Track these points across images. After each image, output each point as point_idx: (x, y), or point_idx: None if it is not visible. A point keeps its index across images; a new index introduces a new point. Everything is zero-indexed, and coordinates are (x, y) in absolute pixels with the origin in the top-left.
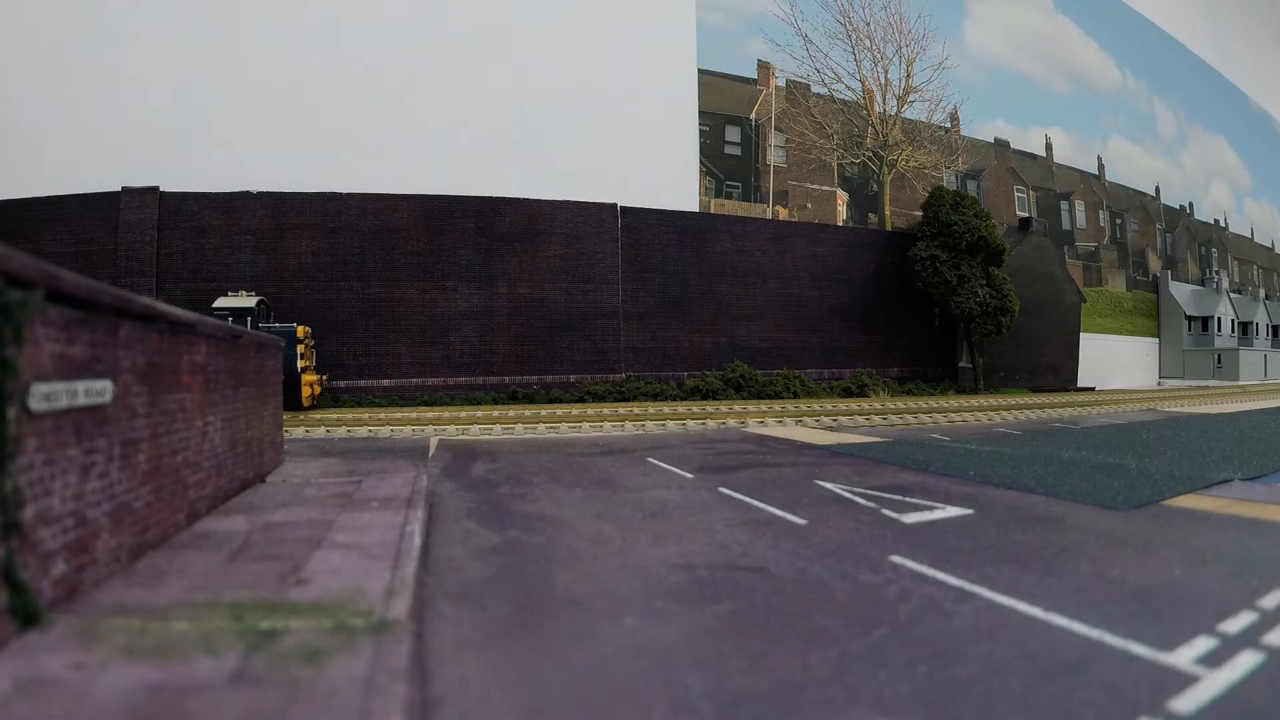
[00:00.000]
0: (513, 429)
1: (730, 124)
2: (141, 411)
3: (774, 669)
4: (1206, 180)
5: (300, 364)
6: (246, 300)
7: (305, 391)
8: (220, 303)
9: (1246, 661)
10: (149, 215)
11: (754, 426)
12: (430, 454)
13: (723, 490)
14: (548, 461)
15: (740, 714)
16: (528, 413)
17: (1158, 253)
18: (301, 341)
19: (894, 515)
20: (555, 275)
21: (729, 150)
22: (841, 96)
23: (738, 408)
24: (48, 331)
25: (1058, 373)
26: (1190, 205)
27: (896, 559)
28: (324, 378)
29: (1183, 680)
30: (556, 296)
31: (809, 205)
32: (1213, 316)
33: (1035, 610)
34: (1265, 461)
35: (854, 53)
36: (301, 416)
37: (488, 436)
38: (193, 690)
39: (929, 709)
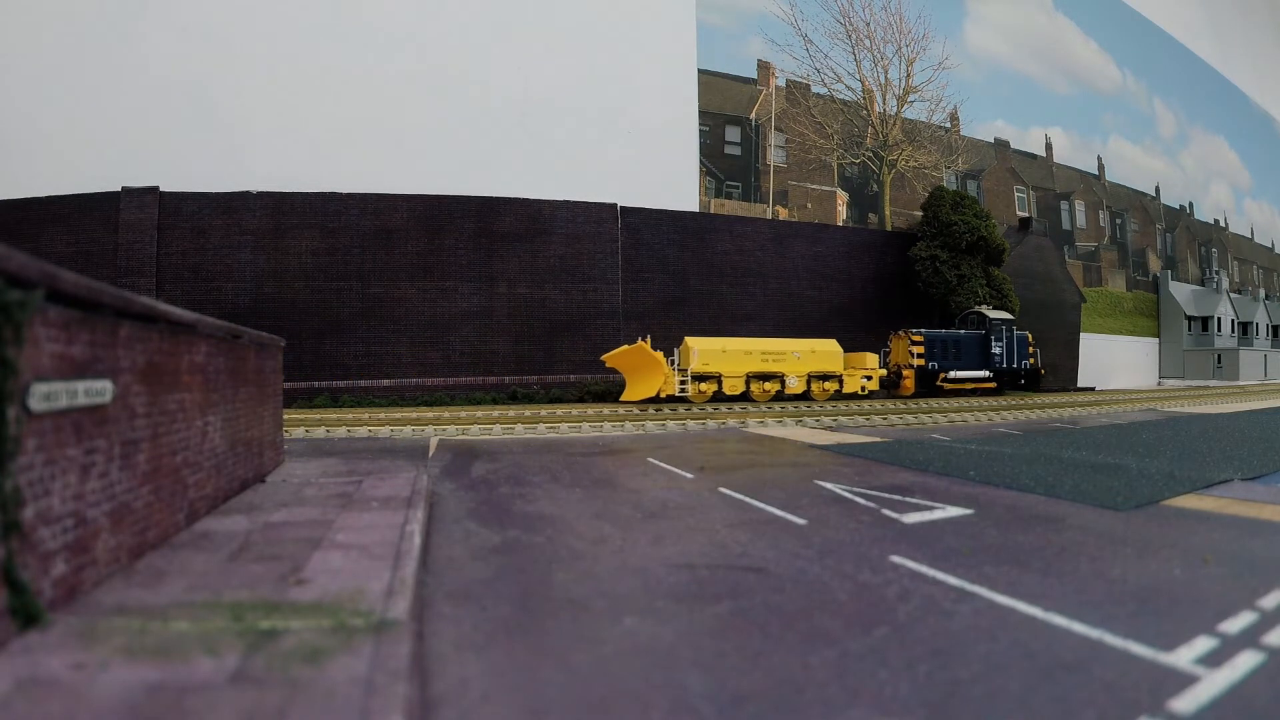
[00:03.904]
0: (513, 429)
1: (730, 124)
2: (141, 411)
3: (774, 669)
4: (1206, 180)
5: (1030, 362)
6: (1007, 314)
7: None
8: (992, 314)
9: (1246, 661)
10: (149, 215)
11: (754, 426)
12: (430, 454)
13: (723, 490)
14: (548, 461)
15: (740, 714)
16: (528, 412)
17: (1158, 253)
18: (1031, 344)
19: (894, 515)
20: (555, 275)
21: (729, 150)
22: (841, 96)
23: (738, 407)
24: (48, 331)
25: (1058, 372)
26: (1190, 205)
27: (897, 559)
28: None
29: (1183, 680)
30: (556, 296)
31: (809, 205)
32: (1213, 316)
33: (1035, 610)
34: (1265, 461)
35: (854, 53)
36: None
37: (488, 436)
38: (193, 690)
39: (929, 709)
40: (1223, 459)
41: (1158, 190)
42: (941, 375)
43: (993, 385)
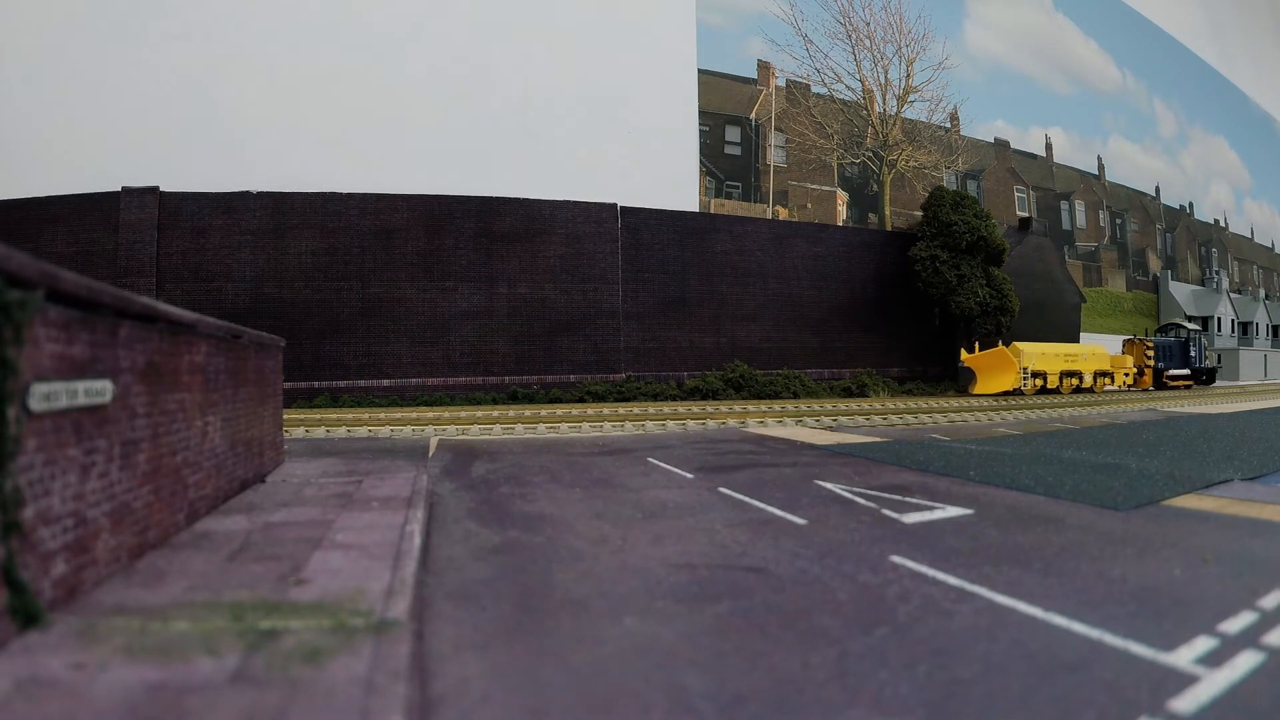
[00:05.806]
0: (513, 429)
1: (730, 124)
2: (141, 411)
3: (774, 669)
4: (1206, 180)
5: (1207, 363)
6: (1197, 326)
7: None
8: (1188, 325)
9: (1246, 661)
10: (149, 215)
11: (754, 426)
12: (430, 454)
13: (723, 490)
14: (548, 461)
15: (740, 714)
16: (528, 413)
17: (1158, 253)
18: (1208, 348)
19: (894, 515)
20: (555, 275)
21: (729, 150)
22: (841, 96)
23: (738, 408)
24: (48, 331)
25: None
26: (1190, 205)
27: (897, 559)
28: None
29: (1183, 680)
30: (556, 296)
31: (809, 205)
32: (1213, 316)
33: (1035, 610)
34: (1265, 461)
35: (854, 53)
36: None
37: (488, 436)
38: (193, 690)
39: (929, 709)
40: (1223, 459)
41: (1158, 190)
42: (1166, 373)
43: (1191, 378)
